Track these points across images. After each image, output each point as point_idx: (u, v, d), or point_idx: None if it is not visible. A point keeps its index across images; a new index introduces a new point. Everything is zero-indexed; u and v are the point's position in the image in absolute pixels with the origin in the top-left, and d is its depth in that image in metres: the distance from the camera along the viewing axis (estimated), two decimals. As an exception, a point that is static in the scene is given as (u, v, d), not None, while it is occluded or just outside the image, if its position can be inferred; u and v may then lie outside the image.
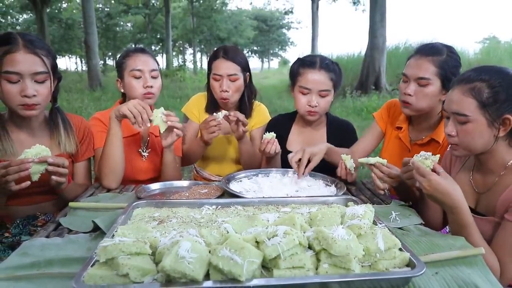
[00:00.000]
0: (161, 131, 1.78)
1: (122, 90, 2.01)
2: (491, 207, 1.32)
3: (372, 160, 1.55)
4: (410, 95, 1.75)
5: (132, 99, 1.86)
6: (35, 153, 1.40)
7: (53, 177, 1.46)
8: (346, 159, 1.72)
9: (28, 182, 1.39)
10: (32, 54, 1.51)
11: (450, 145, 1.39)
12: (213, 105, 2.26)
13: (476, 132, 1.27)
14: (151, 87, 1.92)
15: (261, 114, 2.33)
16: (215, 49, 2.23)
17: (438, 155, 1.27)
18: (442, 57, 1.71)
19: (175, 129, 1.81)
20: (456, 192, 1.20)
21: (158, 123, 1.75)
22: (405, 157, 1.82)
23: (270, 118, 2.33)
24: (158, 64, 2.03)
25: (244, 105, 2.24)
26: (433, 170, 1.23)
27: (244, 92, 2.22)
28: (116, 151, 1.77)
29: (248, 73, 2.21)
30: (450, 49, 1.75)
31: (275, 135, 1.88)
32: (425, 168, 1.23)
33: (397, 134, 1.96)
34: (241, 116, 1.94)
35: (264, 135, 1.89)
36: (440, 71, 1.70)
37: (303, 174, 1.74)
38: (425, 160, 1.26)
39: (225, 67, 2.10)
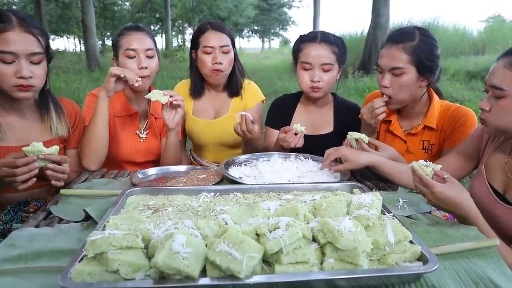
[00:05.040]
0: (163, 102, 1.71)
1: None
2: None
3: (355, 135, 1.65)
4: (386, 86, 1.68)
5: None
6: (32, 150, 1.33)
7: (53, 182, 1.41)
8: (352, 139, 1.67)
9: (34, 179, 1.34)
10: (27, 33, 1.43)
11: (480, 121, 1.31)
12: (199, 86, 2.15)
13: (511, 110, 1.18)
14: (146, 68, 1.83)
15: (253, 92, 2.21)
16: (199, 25, 2.10)
17: (440, 166, 1.19)
18: (413, 42, 1.62)
19: (178, 108, 1.75)
20: (465, 202, 1.12)
21: (157, 97, 1.70)
22: (402, 149, 1.76)
23: (263, 97, 2.22)
24: (155, 43, 1.92)
25: (235, 83, 2.13)
26: (436, 174, 1.17)
27: (235, 68, 2.11)
28: (100, 132, 1.71)
29: (235, 49, 2.10)
30: (423, 32, 1.66)
31: (304, 130, 1.73)
32: (427, 178, 1.14)
33: (387, 127, 1.89)
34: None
35: (294, 125, 1.73)
36: (413, 58, 1.61)
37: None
38: (425, 168, 1.18)
39: (216, 38, 1.99)
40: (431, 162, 1.21)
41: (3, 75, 1.41)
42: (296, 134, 1.73)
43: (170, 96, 1.72)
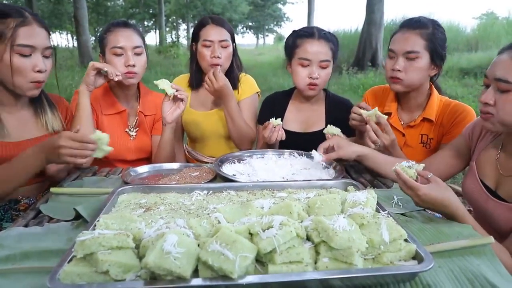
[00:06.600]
0: (169, 94, 1.71)
1: None
2: None
3: (376, 112, 1.59)
4: (399, 70, 1.68)
5: None
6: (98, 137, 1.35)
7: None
8: (336, 131, 1.68)
9: (92, 159, 1.45)
10: (42, 28, 1.46)
11: (481, 115, 1.28)
12: (198, 78, 2.14)
13: None
14: (133, 65, 1.80)
15: (248, 84, 2.20)
16: (200, 19, 2.11)
17: (423, 165, 1.19)
18: (429, 30, 1.66)
19: (180, 103, 1.75)
20: (451, 200, 1.11)
21: (165, 87, 1.69)
22: (400, 142, 1.76)
23: (258, 89, 2.21)
24: (143, 39, 1.89)
25: (233, 77, 2.12)
26: (420, 175, 1.17)
27: (233, 63, 2.11)
28: (83, 126, 1.66)
29: (234, 44, 2.10)
30: (435, 23, 1.70)
31: (281, 122, 1.77)
32: (412, 181, 1.14)
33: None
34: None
35: (271, 119, 1.76)
36: (428, 44, 1.65)
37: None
38: (408, 169, 1.17)
39: (216, 32, 1.99)
40: (414, 162, 1.20)
41: (21, 68, 1.41)
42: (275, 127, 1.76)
43: (176, 90, 1.71)
